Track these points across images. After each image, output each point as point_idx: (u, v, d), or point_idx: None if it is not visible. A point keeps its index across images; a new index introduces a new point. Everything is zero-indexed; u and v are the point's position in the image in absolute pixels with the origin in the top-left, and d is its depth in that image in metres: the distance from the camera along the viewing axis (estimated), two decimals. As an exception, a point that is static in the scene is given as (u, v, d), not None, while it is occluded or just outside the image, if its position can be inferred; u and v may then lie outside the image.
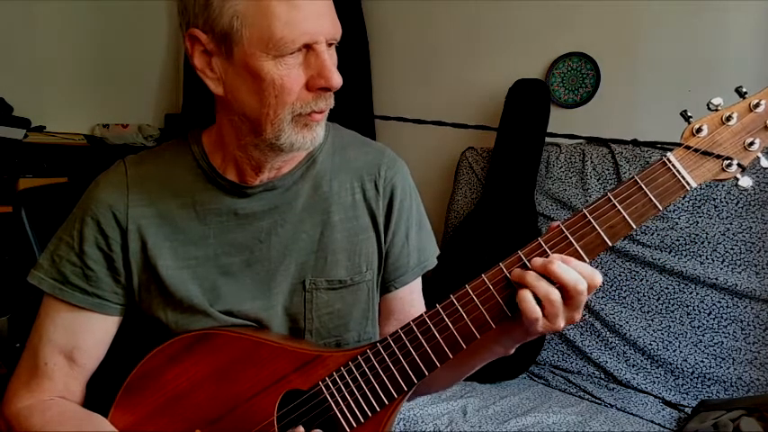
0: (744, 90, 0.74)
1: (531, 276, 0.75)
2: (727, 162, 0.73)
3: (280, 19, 0.76)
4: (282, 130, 0.83)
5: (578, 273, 0.73)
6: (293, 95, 0.81)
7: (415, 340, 0.80)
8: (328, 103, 0.85)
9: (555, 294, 0.74)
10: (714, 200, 2.13)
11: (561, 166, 2.49)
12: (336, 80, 0.81)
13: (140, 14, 3.31)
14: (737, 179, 0.73)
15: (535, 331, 0.77)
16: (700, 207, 2.15)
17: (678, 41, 2.39)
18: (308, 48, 0.80)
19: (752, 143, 0.73)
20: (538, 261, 0.76)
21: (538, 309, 0.75)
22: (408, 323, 0.81)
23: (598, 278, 0.75)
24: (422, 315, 0.80)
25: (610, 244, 0.74)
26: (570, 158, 2.48)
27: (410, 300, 1.04)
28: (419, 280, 1.05)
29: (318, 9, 0.80)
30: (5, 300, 2.35)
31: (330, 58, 0.82)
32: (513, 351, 0.87)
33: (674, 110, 0.80)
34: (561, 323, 0.76)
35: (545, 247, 0.76)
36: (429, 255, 1.05)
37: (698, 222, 2.15)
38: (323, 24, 0.80)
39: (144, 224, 0.91)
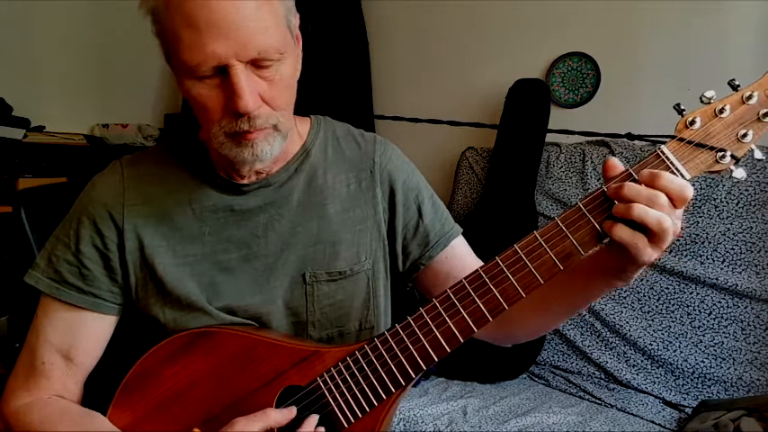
0: (736, 83, 0.74)
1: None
2: (720, 154, 0.72)
3: (184, 43, 0.75)
4: (222, 144, 0.82)
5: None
6: (217, 115, 0.80)
7: (412, 335, 0.80)
8: (254, 124, 0.80)
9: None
10: (714, 200, 2.13)
11: (561, 166, 2.49)
12: (243, 106, 0.76)
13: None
14: (731, 171, 0.73)
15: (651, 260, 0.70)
16: (700, 207, 2.15)
17: (678, 41, 2.39)
18: (224, 69, 0.76)
19: (745, 134, 0.72)
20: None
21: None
22: (406, 317, 0.81)
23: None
24: (419, 309, 0.80)
25: (604, 236, 0.73)
26: (570, 158, 2.48)
27: (447, 272, 1.01)
28: (452, 250, 1.02)
29: (224, 29, 0.74)
30: (5, 300, 2.35)
31: (247, 79, 0.77)
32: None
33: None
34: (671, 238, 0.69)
35: (540, 241, 0.75)
36: (451, 225, 1.04)
37: (698, 222, 2.14)
38: (228, 45, 0.74)
39: (140, 223, 0.92)
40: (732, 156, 0.72)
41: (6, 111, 2.63)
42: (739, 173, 0.73)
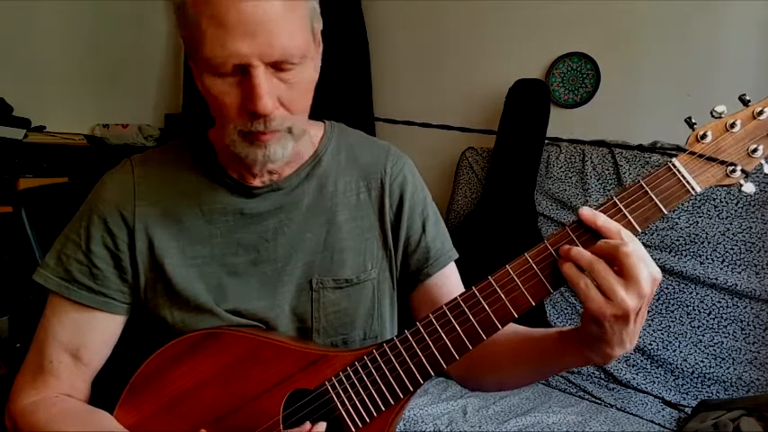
0: (747, 98, 0.76)
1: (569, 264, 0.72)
2: (731, 168, 0.74)
3: (209, 39, 0.75)
4: (234, 142, 0.82)
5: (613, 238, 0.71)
6: (233, 113, 0.80)
7: (422, 341, 0.80)
8: (270, 126, 0.80)
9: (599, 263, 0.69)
10: (714, 200, 2.14)
11: (561, 166, 2.49)
12: (261, 107, 0.76)
13: (140, 14, 3.32)
14: (741, 185, 0.75)
15: (603, 317, 0.69)
16: (700, 207, 2.15)
17: (678, 42, 2.40)
18: (245, 69, 0.76)
19: (755, 150, 0.74)
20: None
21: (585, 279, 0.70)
22: (415, 323, 0.81)
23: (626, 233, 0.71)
24: (428, 316, 0.80)
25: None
26: (570, 158, 2.48)
27: (439, 292, 1.01)
28: (448, 271, 1.03)
29: (251, 29, 0.73)
30: (5, 300, 2.35)
31: (267, 81, 0.77)
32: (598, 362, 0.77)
33: (674, 110, 0.81)
34: (627, 300, 0.68)
35: (551, 250, 0.76)
36: (450, 247, 1.05)
37: (698, 222, 2.15)
38: (253, 45, 0.74)
39: (151, 223, 0.92)
40: (742, 170, 0.74)
41: (7, 111, 2.63)
42: (749, 187, 0.75)
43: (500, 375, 0.95)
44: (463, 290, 0.93)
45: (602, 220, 0.73)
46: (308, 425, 0.82)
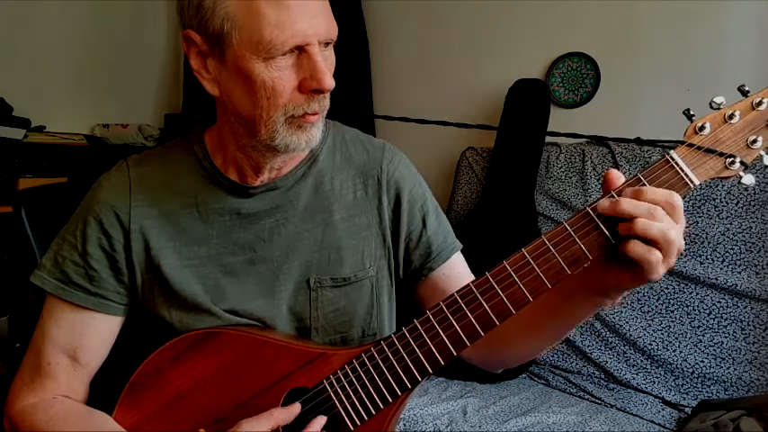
0: (746, 89, 0.74)
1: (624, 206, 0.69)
2: (730, 160, 0.73)
3: (269, 21, 0.76)
4: (276, 131, 0.83)
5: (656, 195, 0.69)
6: (285, 97, 0.80)
7: (419, 338, 0.80)
8: (322, 104, 0.84)
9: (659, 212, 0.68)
10: (714, 200, 2.13)
11: (561, 166, 2.49)
12: (328, 82, 0.80)
13: (140, 14, 3.32)
14: (740, 176, 0.73)
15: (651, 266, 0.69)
16: (700, 207, 2.15)
17: (678, 41, 2.40)
18: (301, 49, 0.79)
19: (754, 141, 0.73)
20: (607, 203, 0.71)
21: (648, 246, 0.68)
22: (413, 320, 0.81)
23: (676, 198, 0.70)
24: (426, 312, 0.80)
25: (612, 242, 0.73)
26: (570, 158, 2.48)
27: (446, 283, 1.00)
28: (454, 262, 1.03)
29: (310, 9, 0.78)
30: (5, 300, 2.35)
31: (324, 60, 0.80)
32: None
33: (675, 110, 0.80)
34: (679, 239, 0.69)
35: (548, 245, 0.75)
36: (453, 239, 1.05)
37: (698, 222, 2.15)
38: (314, 25, 0.78)
39: (147, 224, 0.92)
40: (741, 162, 0.73)
41: (6, 111, 2.63)
42: (748, 179, 0.73)
43: (522, 349, 0.95)
44: (472, 278, 0.91)
45: (624, 204, 0.70)
46: (297, 406, 0.83)
